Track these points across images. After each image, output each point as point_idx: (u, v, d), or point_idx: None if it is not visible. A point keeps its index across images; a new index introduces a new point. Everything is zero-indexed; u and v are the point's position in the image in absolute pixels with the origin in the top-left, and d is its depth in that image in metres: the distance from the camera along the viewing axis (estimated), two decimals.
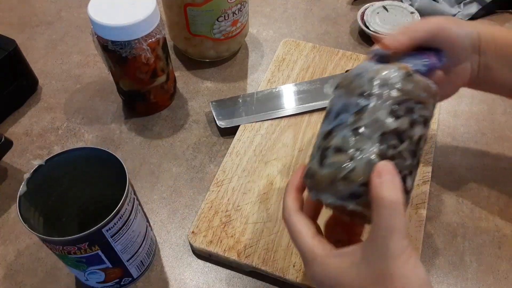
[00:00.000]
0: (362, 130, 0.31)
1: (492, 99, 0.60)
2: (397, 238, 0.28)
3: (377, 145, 0.31)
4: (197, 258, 0.47)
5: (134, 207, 0.40)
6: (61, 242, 0.35)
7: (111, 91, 0.62)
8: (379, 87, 0.32)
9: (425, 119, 0.33)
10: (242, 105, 0.58)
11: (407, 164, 0.32)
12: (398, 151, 0.31)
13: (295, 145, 0.53)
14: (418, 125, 0.33)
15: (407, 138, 0.32)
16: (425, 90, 0.34)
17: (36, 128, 0.59)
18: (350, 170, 0.31)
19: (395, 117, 0.31)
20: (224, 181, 0.50)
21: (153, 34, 0.50)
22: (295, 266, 0.43)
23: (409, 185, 0.32)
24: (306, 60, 0.63)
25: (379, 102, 0.32)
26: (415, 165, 0.33)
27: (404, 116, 0.32)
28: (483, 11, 0.71)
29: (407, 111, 0.32)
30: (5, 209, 0.51)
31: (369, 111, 0.32)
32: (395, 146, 0.31)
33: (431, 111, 0.35)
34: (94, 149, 0.40)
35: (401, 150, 0.31)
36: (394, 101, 0.32)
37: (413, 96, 0.32)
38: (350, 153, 0.31)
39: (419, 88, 0.33)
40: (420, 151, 0.34)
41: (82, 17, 0.74)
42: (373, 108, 0.32)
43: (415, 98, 0.33)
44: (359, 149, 0.31)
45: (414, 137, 0.32)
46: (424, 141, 0.34)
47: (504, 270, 0.45)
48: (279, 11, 0.74)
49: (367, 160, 0.31)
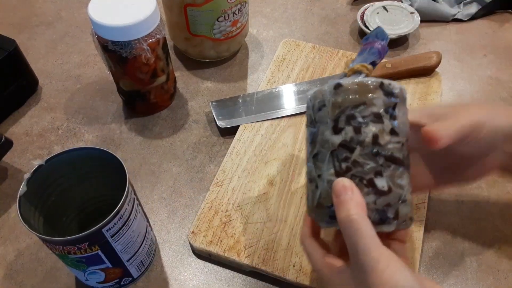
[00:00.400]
0: (317, 156, 0.34)
1: (492, 99, 0.60)
2: (366, 253, 0.29)
3: (331, 165, 0.33)
4: (197, 258, 0.47)
5: (134, 207, 0.40)
6: (61, 242, 0.35)
7: (111, 91, 0.62)
8: (319, 110, 0.34)
9: (374, 116, 0.32)
10: (242, 105, 0.58)
11: (369, 167, 0.32)
12: (352, 161, 0.32)
13: (295, 145, 0.53)
14: (366, 127, 0.32)
15: (357, 144, 0.32)
16: (360, 89, 0.33)
17: (36, 128, 0.59)
18: (319, 197, 0.33)
19: (337, 132, 0.33)
20: (224, 181, 0.50)
21: (153, 34, 0.50)
22: (295, 266, 0.43)
23: (382, 185, 0.32)
24: (306, 60, 0.63)
25: (322, 124, 0.34)
26: (383, 164, 0.32)
27: (346, 126, 0.32)
28: (483, 11, 0.71)
29: (348, 120, 0.32)
30: (5, 209, 0.51)
31: (318, 136, 0.34)
32: (347, 158, 0.32)
33: (380, 102, 0.33)
34: (94, 149, 0.40)
35: (355, 159, 0.32)
36: (332, 117, 0.33)
37: (347, 104, 0.33)
38: (316, 181, 0.34)
39: (351, 93, 0.33)
40: (383, 148, 0.32)
41: (82, 17, 0.74)
42: (320, 132, 0.34)
43: (351, 104, 0.33)
44: (319, 174, 0.34)
45: (366, 140, 0.32)
46: (387, 134, 0.32)
47: (504, 270, 0.45)
48: (279, 11, 0.74)
49: (327, 182, 0.33)
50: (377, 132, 0.32)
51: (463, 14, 0.71)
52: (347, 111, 0.32)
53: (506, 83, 0.62)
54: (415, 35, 0.69)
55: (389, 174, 0.32)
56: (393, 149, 0.32)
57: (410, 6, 0.69)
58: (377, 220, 0.32)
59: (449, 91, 0.61)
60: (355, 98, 0.33)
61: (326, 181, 0.33)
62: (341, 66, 0.62)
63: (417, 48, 0.67)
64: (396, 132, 0.33)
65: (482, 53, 0.66)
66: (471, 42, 0.68)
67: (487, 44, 0.67)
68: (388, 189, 0.32)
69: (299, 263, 0.44)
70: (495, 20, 0.71)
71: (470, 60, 0.65)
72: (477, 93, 0.61)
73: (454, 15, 0.71)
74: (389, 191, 0.32)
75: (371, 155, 0.32)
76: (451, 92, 0.61)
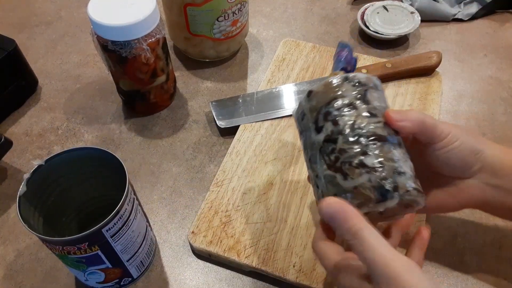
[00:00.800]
0: (311, 159, 0.36)
1: (492, 99, 0.60)
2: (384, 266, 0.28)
3: (322, 161, 0.34)
4: (197, 258, 0.47)
5: (134, 207, 0.40)
6: (61, 242, 0.35)
7: (111, 91, 0.62)
8: (302, 119, 0.37)
9: (347, 106, 0.34)
10: (242, 105, 0.58)
11: (355, 151, 0.33)
12: (338, 150, 0.33)
13: (295, 145, 0.53)
14: (342, 117, 0.34)
15: (339, 134, 0.34)
16: (327, 88, 0.35)
17: (36, 128, 0.59)
18: (321, 195, 0.35)
19: (319, 130, 0.35)
20: (224, 181, 0.50)
21: (153, 34, 0.50)
22: (295, 266, 0.43)
23: (372, 162, 0.32)
24: (306, 60, 0.63)
25: (307, 131, 0.36)
26: (367, 144, 0.33)
27: (325, 123, 0.35)
28: (483, 11, 0.71)
29: (325, 117, 0.35)
30: (5, 209, 0.51)
31: (307, 142, 0.37)
32: (333, 149, 0.34)
33: (349, 93, 0.35)
34: (94, 149, 0.40)
35: (340, 147, 0.33)
36: (312, 120, 0.36)
37: (320, 104, 0.35)
38: (316, 182, 0.36)
39: (321, 94, 0.35)
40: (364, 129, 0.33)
41: (82, 17, 0.74)
42: (307, 138, 0.37)
43: (323, 103, 0.35)
44: (317, 175, 0.35)
45: (346, 127, 0.33)
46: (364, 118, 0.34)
47: (504, 270, 0.44)
48: (279, 11, 0.74)
49: (324, 178, 0.34)
50: (354, 118, 0.34)
51: (463, 14, 0.71)
52: (323, 110, 0.35)
53: (506, 83, 0.62)
54: (415, 35, 0.69)
55: (376, 151, 0.33)
56: (374, 129, 0.33)
57: (410, 6, 0.69)
58: (379, 197, 0.32)
59: (450, 91, 0.61)
60: (326, 97, 0.35)
61: (323, 177, 0.34)
62: None
63: (418, 48, 0.67)
64: (373, 114, 0.34)
65: (483, 53, 0.66)
66: (472, 42, 0.68)
67: (487, 44, 0.67)
68: (379, 164, 0.32)
69: (299, 263, 0.44)
70: (495, 20, 0.71)
71: (470, 60, 0.65)
72: (477, 93, 0.61)
73: (455, 15, 0.71)
74: (380, 166, 0.32)
75: (354, 139, 0.33)
76: (451, 92, 0.61)
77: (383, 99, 0.36)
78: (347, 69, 0.41)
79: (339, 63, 0.41)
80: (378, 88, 0.36)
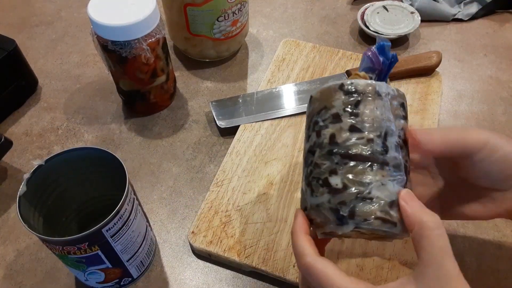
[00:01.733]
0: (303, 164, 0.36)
1: (492, 99, 0.60)
2: (451, 259, 0.28)
3: (304, 171, 0.34)
4: (197, 258, 0.47)
5: (134, 207, 0.40)
6: (61, 242, 0.35)
7: (111, 91, 0.62)
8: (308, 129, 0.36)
9: (332, 117, 0.32)
10: (242, 105, 0.58)
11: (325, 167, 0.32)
12: (314, 163, 0.33)
13: (295, 145, 0.53)
14: (325, 129, 0.32)
15: (317, 147, 0.33)
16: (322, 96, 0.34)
17: (36, 128, 0.59)
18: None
19: (307, 139, 0.35)
20: (224, 181, 0.50)
21: (153, 34, 0.50)
22: (295, 266, 0.43)
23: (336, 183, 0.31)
24: (306, 60, 0.63)
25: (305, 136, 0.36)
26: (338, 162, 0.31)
27: (312, 132, 0.34)
28: (483, 11, 0.71)
29: (313, 127, 0.34)
30: (5, 209, 0.51)
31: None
32: (311, 162, 0.33)
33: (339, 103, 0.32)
34: (94, 149, 0.40)
35: (315, 161, 0.33)
36: (306, 127, 0.35)
37: (314, 112, 0.34)
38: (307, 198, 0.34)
39: (316, 101, 0.34)
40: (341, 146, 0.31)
41: (82, 17, 0.74)
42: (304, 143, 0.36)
43: (315, 111, 0.34)
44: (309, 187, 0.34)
45: (324, 141, 0.32)
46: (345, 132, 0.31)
47: (504, 270, 0.44)
48: (279, 11, 0.74)
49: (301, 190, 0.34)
50: (334, 132, 0.32)
51: (463, 14, 0.71)
52: (313, 119, 0.34)
53: (506, 83, 0.62)
54: (415, 35, 0.69)
55: (346, 171, 0.31)
56: (352, 146, 0.31)
57: (410, 6, 0.69)
58: (336, 221, 0.31)
59: (450, 91, 0.61)
60: (319, 105, 0.34)
61: (301, 187, 0.35)
62: (341, 65, 0.62)
63: (418, 48, 0.67)
64: (358, 128, 0.31)
65: (483, 53, 0.66)
66: (472, 42, 0.68)
67: (487, 44, 0.67)
68: (342, 186, 0.30)
69: None
70: (495, 20, 0.71)
71: (470, 60, 0.65)
72: (477, 93, 0.61)
73: (455, 15, 0.71)
74: (343, 188, 0.30)
75: (327, 154, 0.32)
76: (452, 92, 0.61)
77: (382, 108, 0.32)
78: (375, 69, 0.36)
79: (361, 63, 0.37)
80: (377, 96, 0.32)
